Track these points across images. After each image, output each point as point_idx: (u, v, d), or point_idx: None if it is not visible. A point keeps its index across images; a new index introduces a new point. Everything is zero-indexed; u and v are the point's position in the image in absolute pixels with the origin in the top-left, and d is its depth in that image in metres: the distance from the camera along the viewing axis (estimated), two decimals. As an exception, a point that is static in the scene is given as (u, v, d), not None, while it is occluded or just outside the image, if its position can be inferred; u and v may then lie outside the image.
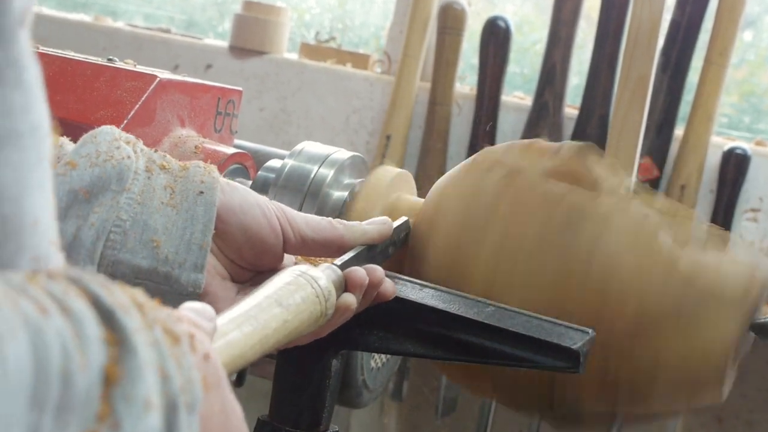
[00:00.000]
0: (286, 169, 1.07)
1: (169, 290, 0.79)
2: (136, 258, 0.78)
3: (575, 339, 0.80)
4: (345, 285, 0.79)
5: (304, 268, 0.75)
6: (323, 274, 0.76)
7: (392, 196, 1.02)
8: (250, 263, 0.84)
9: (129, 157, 0.79)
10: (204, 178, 0.81)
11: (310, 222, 0.85)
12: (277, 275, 0.74)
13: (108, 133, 0.80)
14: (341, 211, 1.03)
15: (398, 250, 0.94)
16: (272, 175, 1.09)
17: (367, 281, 0.80)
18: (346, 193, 1.06)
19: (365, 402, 1.13)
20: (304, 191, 1.05)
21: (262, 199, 0.84)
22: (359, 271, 0.80)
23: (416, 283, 0.88)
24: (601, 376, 0.87)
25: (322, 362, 0.88)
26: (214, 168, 0.83)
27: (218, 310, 0.63)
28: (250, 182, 1.12)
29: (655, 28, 1.86)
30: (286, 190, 1.06)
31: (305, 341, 0.81)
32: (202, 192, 0.80)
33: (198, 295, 0.79)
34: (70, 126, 0.85)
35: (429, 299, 0.85)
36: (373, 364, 1.12)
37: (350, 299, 0.78)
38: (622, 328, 0.86)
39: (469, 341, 0.83)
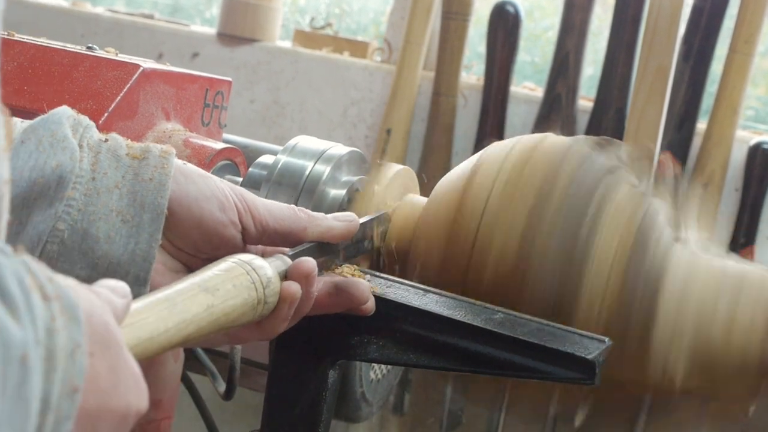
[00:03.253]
0: (279, 166, 1.07)
1: None
2: (74, 268, 0.78)
3: (590, 348, 0.80)
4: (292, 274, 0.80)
5: (246, 256, 0.76)
6: (269, 262, 0.77)
7: (393, 195, 1.02)
8: (208, 253, 0.84)
9: (72, 157, 0.78)
10: (155, 174, 0.80)
11: (272, 210, 0.85)
12: (215, 262, 0.75)
13: (55, 122, 0.79)
14: (340, 210, 1.03)
15: (376, 246, 0.95)
16: (264, 172, 1.08)
17: (315, 272, 0.80)
18: (343, 191, 1.06)
19: (364, 416, 1.13)
20: (298, 189, 1.05)
21: (221, 189, 0.83)
22: (307, 261, 0.80)
23: (419, 288, 0.88)
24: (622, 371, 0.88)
25: (318, 373, 0.88)
26: (170, 155, 0.81)
27: None
28: (240, 179, 1.12)
29: (676, 14, 1.86)
30: (280, 187, 1.06)
31: (254, 336, 0.80)
32: (151, 194, 0.79)
33: None
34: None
35: (432, 305, 0.85)
36: (372, 375, 1.12)
37: (293, 288, 0.78)
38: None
39: (476, 350, 0.82)
